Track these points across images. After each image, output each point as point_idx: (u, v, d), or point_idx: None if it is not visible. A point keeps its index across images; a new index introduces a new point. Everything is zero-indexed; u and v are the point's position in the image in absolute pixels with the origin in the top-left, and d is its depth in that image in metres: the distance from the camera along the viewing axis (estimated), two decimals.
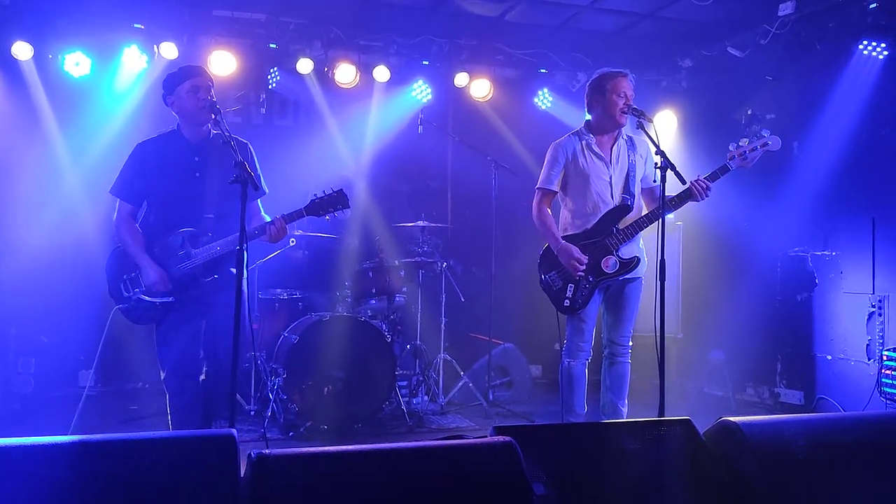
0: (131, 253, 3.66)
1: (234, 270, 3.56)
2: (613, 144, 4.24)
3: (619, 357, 4.22)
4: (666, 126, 6.99)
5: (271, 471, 2.26)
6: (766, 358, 6.18)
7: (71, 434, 4.02)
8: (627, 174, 4.22)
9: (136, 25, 6.04)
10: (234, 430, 2.37)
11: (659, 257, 3.62)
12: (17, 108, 5.96)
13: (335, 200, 3.69)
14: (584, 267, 4.05)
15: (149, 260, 3.64)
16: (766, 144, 4.06)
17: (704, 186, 3.99)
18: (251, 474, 2.26)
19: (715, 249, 6.49)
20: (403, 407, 5.36)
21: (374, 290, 5.55)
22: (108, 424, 5.21)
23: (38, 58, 5.86)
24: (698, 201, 4.03)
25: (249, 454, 2.29)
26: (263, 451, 2.29)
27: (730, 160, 4.05)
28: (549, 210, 4.27)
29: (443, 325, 5.90)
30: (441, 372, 5.88)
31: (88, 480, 2.22)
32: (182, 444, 2.37)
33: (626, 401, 4.23)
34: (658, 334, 3.60)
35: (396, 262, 5.72)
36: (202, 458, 2.31)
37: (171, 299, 3.63)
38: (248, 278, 3.93)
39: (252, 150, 3.85)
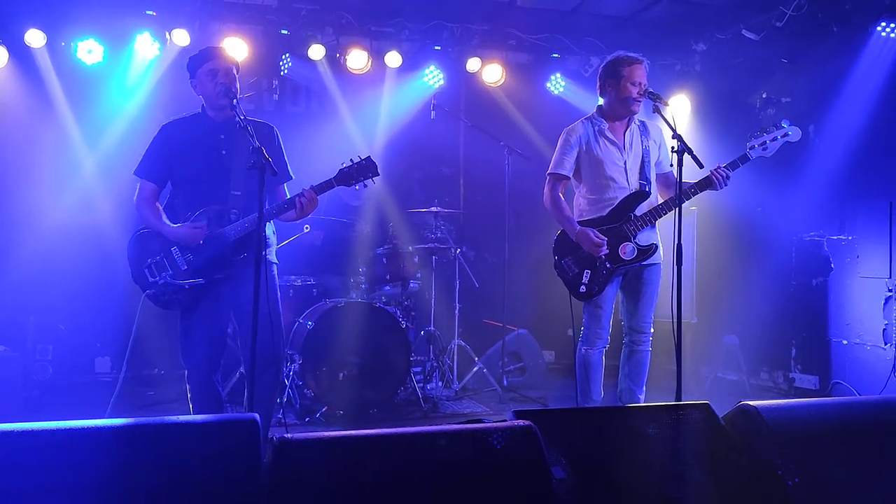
0: (154, 227, 3.58)
1: (265, 253, 3.54)
2: (626, 130, 4.20)
3: (639, 346, 4.19)
4: (680, 110, 6.93)
5: (294, 455, 2.26)
6: (781, 343, 6.15)
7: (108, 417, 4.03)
8: (643, 159, 4.19)
9: (148, 12, 6.04)
10: (256, 415, 2.38)
11: (676, 242, 3.61)
12: (30, 95, 5.98)
13: (365, 169, 3.59)
14: (605, 248, 4.01)
15: (172, 225, 3.56)
16: (786, 135, 4.05)
17: (724, 175, 3.95)
18: (273, 458, 2.26)
19: (729, 234, 6.45)
20: (418, 392, 5.38)
21: (388, 277, 5.55)
22: (126, 411, 5.24)
23: (51, 45, 5.87)
24: (717, 190, 4.00)
25: (271, 438, 2.29)
26: (286, 436, 2.29)
27: (750, 150, 4.03)
28: (562, 196, 4.24)
29: (457, 311, 5.91)
30: (455, 358, 5.89)
31: (110, 464, 2.22)
32: (204, 429, 2.37)
33: (644, 388, 4.22)
34: (675, 319, 3.59)
35: (410, 248, 5.72)
36: (224, 443, 2.31)
37: (201, 280, 3.53)
38: (278, 265, 3.87)
39: (278, 134, 3.80)
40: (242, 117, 3.34)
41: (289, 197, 3.69)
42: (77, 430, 2.28)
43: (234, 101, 3.44)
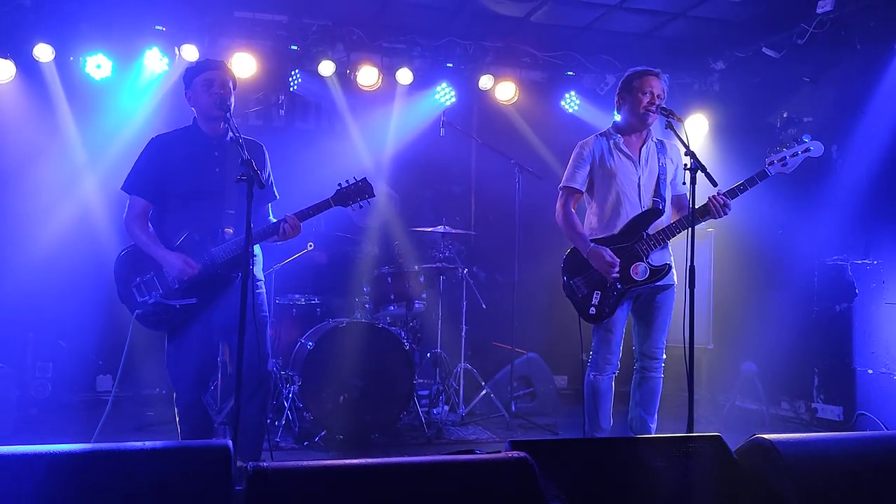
0: (147, 250, 3.46)
1: (252, 270, 3.46)
2: (642, 145, 4.06)
3: (650, 372, 4.01)
4: (698, 130, 6.78)
5: (268, 485, 2.14)
6: (803, 371, 5.91)
7: (94, 440, 3.93)
8: (658, 177, 4.02)
9: (157, 27, 6.01)
10: (229, 442, 2.25)
11: (688, 264, 3.43)
12: (38, 110, 5.94)
13: (361, 190, 3.57)
14: (618, 269, 3.83)
15: (165, 250, 3.43)
16: (807, 150, 3.85)
17: (722, 203, 3.76)
18: (247, 488, 2.13)
19: (748, 257, 6.26)
20: (422, 417, 5.21)
21: (392, 297, 5.39)
22: (122, 431, 5.13)
23: (60, 60, 5.85)
24: (716, 218, 3.81)
25: (245, 466, 2.16)
26: (261, 464, 2.16)
27: (769, 165, 3.84)
28: (574, 211, 4.08)
29: (464, 333, 5.74)
30: (462, 381, 5.71)
31: (78, 491, 2.14)
32: (175, 455, 2.25)
33: (657, 416, 4.03)
34: (687, 345, 3.40)
35: (416, 267, 5.57)
36: (196, 470, 2.21)
37: (193, 300, 3.43)
38: (264, 281, 3.78)
39: (266, 153, 3.72)
40: (234, 132, 3.23)
41: (272, 218, 3.64)
42: (41, 455, 2.18)
43: (228, 114, 3.33)
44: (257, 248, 3.66)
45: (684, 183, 3.56)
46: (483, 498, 2.23)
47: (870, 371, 5.44)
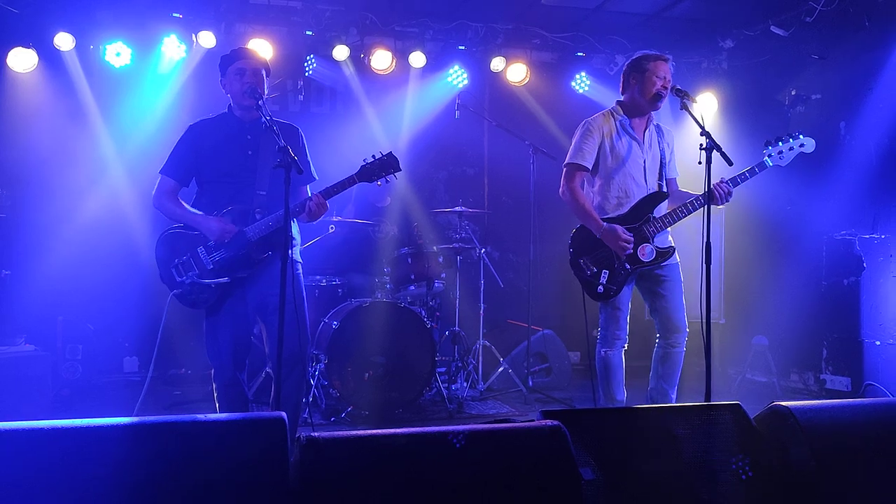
0: (183, 218, 3.62)
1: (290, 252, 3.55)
2: (646, 129, 4.14)
3: (675, 347, 4.07)
4: (707, 109, 6.85)
5: (321, 454, 2.26)
6: (812, 343, 6.05)
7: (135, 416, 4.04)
8: (661, 161, 4.13)
9: (174, 15, 6.10)
10: (283, 414, 2.38)
11: (704, 241, 3.55)
12: (60, 98, 6.06)
13: (386, 164, 3.59)
14: (631, 247, 3.93)
15: (204, 216, 3.58)
16: (802, 146, 4.03)
17: (725, 191, 3.88)
18: (301, 457, 2.26)
19: (758, 233, 6.36)
20: (443, 393, 5.36)
21: (412, 276, 5.54)
22: (153, 409, 5.28)
23: (80, 48, 5.95)
24: (718, 205, 3.92)
25: (299, 437, 2.29)
26: (313, 434, 2.29)
27: (767, 157, 4.00)
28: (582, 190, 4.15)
29: (481, 312, 5.89)
30: (480, 358, 5.87)
31: (138, 462, 2.22)
32: (232, 427, 2.38)
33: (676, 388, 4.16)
34: (704, 319, 3.53)
35: (435, 248, 5.70)
36: (252, 442, 2.32)
37: (226, 279, 3.56)
38: (302, 263, 3.89)
39: (303, 135, 3.84)
40: (268, 118, 3.35)
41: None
42: (105, 427, 2.27)
43: (260, 101, 3.46)
44: (295, 231, 3.77)
45: (701, 163, 3.63)
46: (520, 463, 2.38)
47: (877, 342, 5.57)
